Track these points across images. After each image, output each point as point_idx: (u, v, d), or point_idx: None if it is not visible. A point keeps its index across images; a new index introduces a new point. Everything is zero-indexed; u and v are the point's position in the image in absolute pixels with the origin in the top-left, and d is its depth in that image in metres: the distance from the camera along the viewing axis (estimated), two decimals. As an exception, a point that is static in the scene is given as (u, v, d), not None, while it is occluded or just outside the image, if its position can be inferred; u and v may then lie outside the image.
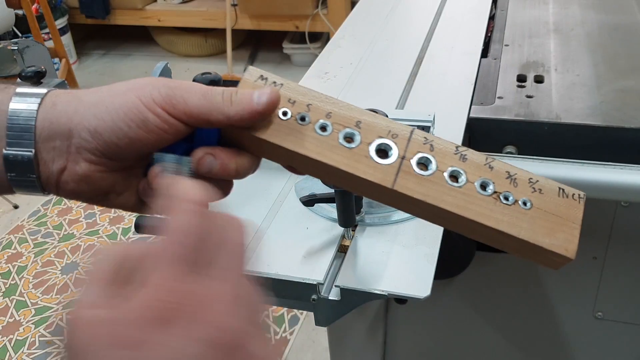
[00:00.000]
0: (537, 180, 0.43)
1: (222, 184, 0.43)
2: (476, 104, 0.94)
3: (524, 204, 0.41)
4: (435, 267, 0.63)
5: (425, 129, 0.78)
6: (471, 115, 0.90)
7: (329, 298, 0.62)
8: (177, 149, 0.41)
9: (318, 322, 0.64)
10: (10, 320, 1.87)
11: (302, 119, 0.42)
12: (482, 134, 0.90)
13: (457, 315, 1.09)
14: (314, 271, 0.64)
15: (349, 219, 0.66)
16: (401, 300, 0.62)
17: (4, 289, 2.00)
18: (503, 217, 0.41)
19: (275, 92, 0.41)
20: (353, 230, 0.69)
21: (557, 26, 1.17)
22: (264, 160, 0.48)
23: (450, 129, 0.85)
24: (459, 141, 0.83)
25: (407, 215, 0.69)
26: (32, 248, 2.17)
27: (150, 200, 0.43)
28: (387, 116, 0.76)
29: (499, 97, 0.95)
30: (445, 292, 1.05)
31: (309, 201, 0.69)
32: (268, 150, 0.42)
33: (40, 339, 1.80)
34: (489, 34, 1.18)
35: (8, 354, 1.76)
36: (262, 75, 0.43)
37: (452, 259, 0.94)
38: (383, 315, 1.08)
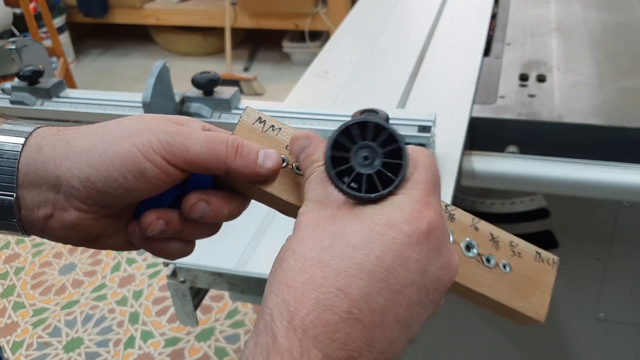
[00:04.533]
0: (518, 244, 0.43)
1: (212, 225, 0.42)
2: (478, 104, 0.93)
3: (504, 267, 0.42)
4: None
5: (427, 129, 0.77)
6: (473, 114, 0.89)
7: (330, 300, 0.61)
8: (171, 193, 0.40)
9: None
10: (8, 321, 1.86)
11: (300, 168, 0.40)
12: (484, 134, 0.89)
13: (458, 316, 1.08)
14: (314, 273, 0.63)
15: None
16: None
17: (1, 290, 1.99)
18: (484, 280, 0.41)
19: (279, 161, 0.39)
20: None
21: (559, 25, 1.17)
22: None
23: (452, 129, 0.84)
24: (461, 141, 0.82)
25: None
26: (30, 249, 2.16)
27: (140, 244, 0.42)
28: (387, 116, 0.76)
29: (500, 97, 0.94)
30: (446, 292, 1.04)
31: (310, 202, 0.68)
32: (263, 197, 0.41)
33: (38, 340, 1.79)
34: (491, 33, 1.17)
35: (6, 355, 1.76)
36: (260, 118, 0.42)
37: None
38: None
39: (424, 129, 0.77)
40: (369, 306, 0.30)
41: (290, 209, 0.41)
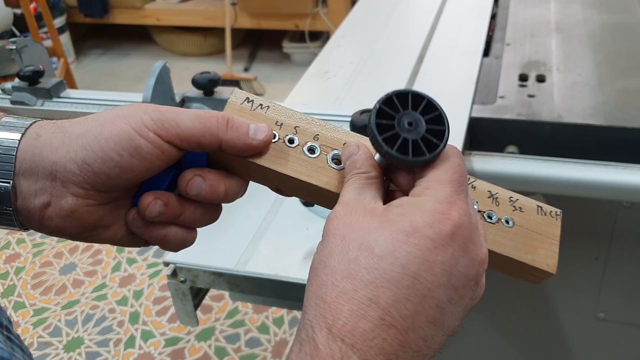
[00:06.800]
0: (517, 199, 0.44)
1: (211, 209, 0.42)
2: (477, 104, 0.93)
3: (507, 222, 0.42)
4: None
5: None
6: (472, 114, 0.89)
7: (330, 300, 0.61)
8: (167, 175, 0.41)
9: (318, 324, 0.64)
10: (9, 320, 1.87)
11: (291, 141, 0.42)
12: (484, 134, 0.89)
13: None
14: (314, 272, 0.63)
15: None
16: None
17: (2, 290, 1.99)
18: (488, 235, 0.41)
19: (270, 132, 0.41)
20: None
21: (559, 25, 1.17)
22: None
23: (452, 129, 0.84)
24: (461, 141, 0.83)
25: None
26: (31, 249, 2.17)
27: (140, 231, 0.42)
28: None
29: (500, 97, 0.94)
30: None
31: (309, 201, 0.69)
32: (257, 173, 0.42)
33: (38, 340, 1.79)
34: (491, 33, 1.17)
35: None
36: (248, 98, 0.43)
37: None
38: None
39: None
40: (400, 312, 0.32)
41: (285, 182, 0.42)
